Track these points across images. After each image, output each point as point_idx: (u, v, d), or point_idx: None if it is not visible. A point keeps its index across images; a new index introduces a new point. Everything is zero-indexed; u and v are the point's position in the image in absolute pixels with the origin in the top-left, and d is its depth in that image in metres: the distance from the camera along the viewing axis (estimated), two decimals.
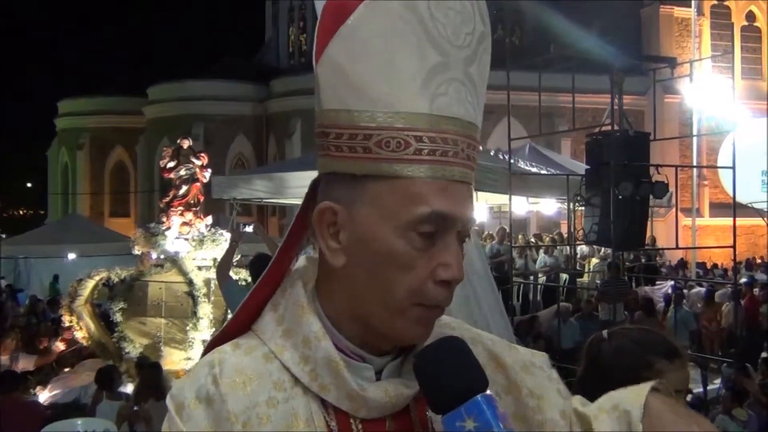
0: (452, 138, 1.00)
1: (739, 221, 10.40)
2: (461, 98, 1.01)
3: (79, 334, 9.55)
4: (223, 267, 6.58)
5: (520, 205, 14.59)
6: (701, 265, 22.55)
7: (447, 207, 0.99)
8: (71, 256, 19.04)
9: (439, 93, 0.99)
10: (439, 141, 0.99)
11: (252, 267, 6.27)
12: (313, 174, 1.10)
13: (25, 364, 9.43)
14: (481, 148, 1.08)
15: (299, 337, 1.05)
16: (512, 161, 10.90)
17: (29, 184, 51.18)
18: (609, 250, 11.16)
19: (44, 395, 8.35)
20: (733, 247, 9.72)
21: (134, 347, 9.19)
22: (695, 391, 8.87)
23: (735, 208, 10.09)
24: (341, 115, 1.01)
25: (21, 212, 55.49)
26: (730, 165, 9.85)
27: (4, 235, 31.23)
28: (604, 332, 2.23)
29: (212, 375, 1.04)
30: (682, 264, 21.11)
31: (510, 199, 10.47)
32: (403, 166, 0.98)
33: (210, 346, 1.11)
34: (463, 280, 1.06)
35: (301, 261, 1.13)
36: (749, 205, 19.24)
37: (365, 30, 0.99)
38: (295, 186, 12.17)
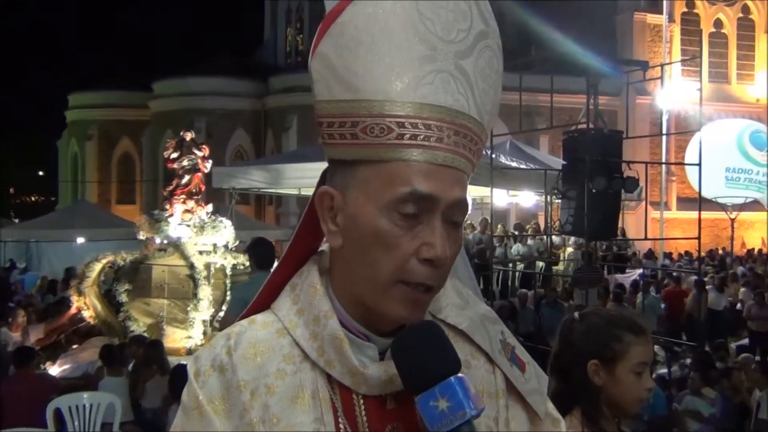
0: (436, 124, 0.99)
1: (704, 215, 10.44)
2: (449, 88, 1.00)
3: (87, 314, 9.53)
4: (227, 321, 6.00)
5: (501, 198, 14.62)
6: (680, 253, 22.60)
7: (428, 188, 0.98)
8: (80, 240, 18.98)
9: (424, 83, 0.99)
10: (421, 127, 0.99)
11: (251, 250, 6.19)
12: (308, 166, 1.13)
13: (36, 335, 9.41)
14: (482, 138, 1.06)
15: (311, 315, 1.07)
16: (494, 156, 10.92)
17: (41, 173, 50.83)
18: (583, 240, 11.20)
19: (54, 370, 8.33)
20: (698, 238, 9.78)
21: (138, 326, 9.18)
22: (661, 371, 8.93)
23: (700, 203, 10.13)
24: (332, 105, 1.02)
25: (33, 198, 55.09)
26: (697, 162, 9.91)
27: (17, 220, 31.06)
28: (576, 313, 2.26)
29: (227, 346, 1.06)
30: (651, 254, 21.23)
31: (491, 192, 10.51)
32: (386, 150, 0.99)
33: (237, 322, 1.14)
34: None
35: (322, 246, 1.14)
36: (714, 199, 19.37)
37: (352, 26, 1.00)
38: (291, 177, 12.18)
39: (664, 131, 21.51)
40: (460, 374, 0.98)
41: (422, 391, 0.98)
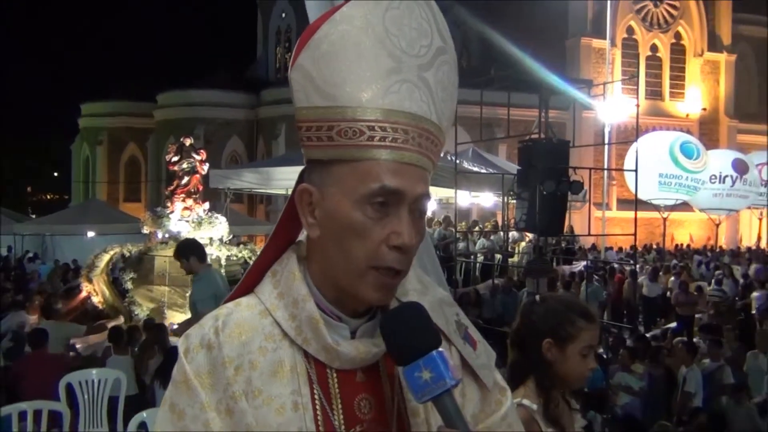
0: (402, 128, 1.00)
1: (640, 214, 10.57)
2: (413, 97, 1.01)
3: (96, 299, 9.43)
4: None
5: (464, 198, 14.68)
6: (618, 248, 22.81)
7: (396, 183, 0.99)
8: (90, 234, 18.74)
9: (391, 91, 1.00)
10: (389, 130, 0.99)
11: (191, 251, 5.85)
12: (295, 169, 1.12)
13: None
14: (441, 140, 1.06)
15: (290, 298, 1.06)
16: (458, 162, 10.95)
17: (56, 173, 50.16)
18: (535, 235, 11.26)
19: None
20: (634, 235, 9.88)
21: (142, 310, 9.10)
22: (599, 350, 9.01)
23: (636, 204, 10.23)
24: (310, 111, 1.02)
25: (48, 197, 54.25)
26: (634, 168, 9.99)
27: (34, 215, 30.60)
28: (537, 296, 2.28)
29: (215, 327, 1.06)
30: (594, 248, 21.42)
31: (455, 193, 10.53)
32: (358, 150, 0.99)
33: (223, 304, 1.13)
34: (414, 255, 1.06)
35: (300, 236, 1.14)
36: (648, 201, 19.57)
37: (327, 42, 1.00)
38: (280, 179, 12.12)
39: (606, 141, 21.66)
40: (440, 349, 0.99)
41: (408, 364, 0.99)
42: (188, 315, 9.02)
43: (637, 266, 12.96)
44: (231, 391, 1.01)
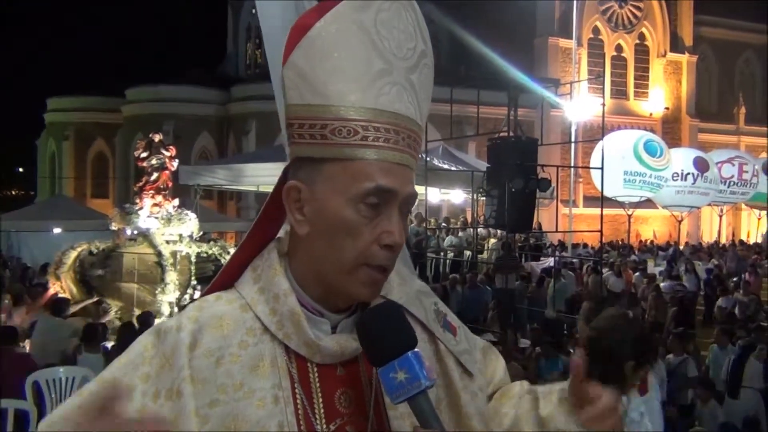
0: (393, 129, 1.01)
1: (606, 211, 10.69)
2: (402, 98, 1.02)
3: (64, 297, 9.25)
4: None
5: (434, 195, 14.72)
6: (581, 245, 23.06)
7: (389, 183, 1.00)
8: (57, 230, 18.38)
9: (382, 93, 1.00)
10: (381, 130, 1.00)
11: None
12: (265, 165, 1.12)
13: (19, 316, 9.10)
14: (421, 139, 1.08)
15: (271, 293, 1.06)
16: (428, 159, 10.99)
17: (21, 169, 49.25)
18: (504, 232, 11.35)
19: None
20: (600, 231, 10.02)
21: (110, 308, 8.96)
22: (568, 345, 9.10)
23: (602, 201, 10.38)
24: (303, 108, 1.01)
25: (14, 193, 53.22)
26: (600, 166, 10.13)
27: None
28: (630, 313, 2.42)
29: (191, 316, 1.05)
30: (561, 245, 21.64)
31: (426, 190, 10.57)
32: (352, 149, 0.99)
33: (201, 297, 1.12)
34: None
35: (280, 232, 1.13)
36: (614, 198, 19.80)
37: (320, 41, 1.00)
38: (250, 175, 12.05)
39: (573, 139, 21.89)
40: (416, 349, 0.99)
41: (383, 365, 0.98)
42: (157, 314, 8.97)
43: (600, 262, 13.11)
44: (184, 374, 1.00)
